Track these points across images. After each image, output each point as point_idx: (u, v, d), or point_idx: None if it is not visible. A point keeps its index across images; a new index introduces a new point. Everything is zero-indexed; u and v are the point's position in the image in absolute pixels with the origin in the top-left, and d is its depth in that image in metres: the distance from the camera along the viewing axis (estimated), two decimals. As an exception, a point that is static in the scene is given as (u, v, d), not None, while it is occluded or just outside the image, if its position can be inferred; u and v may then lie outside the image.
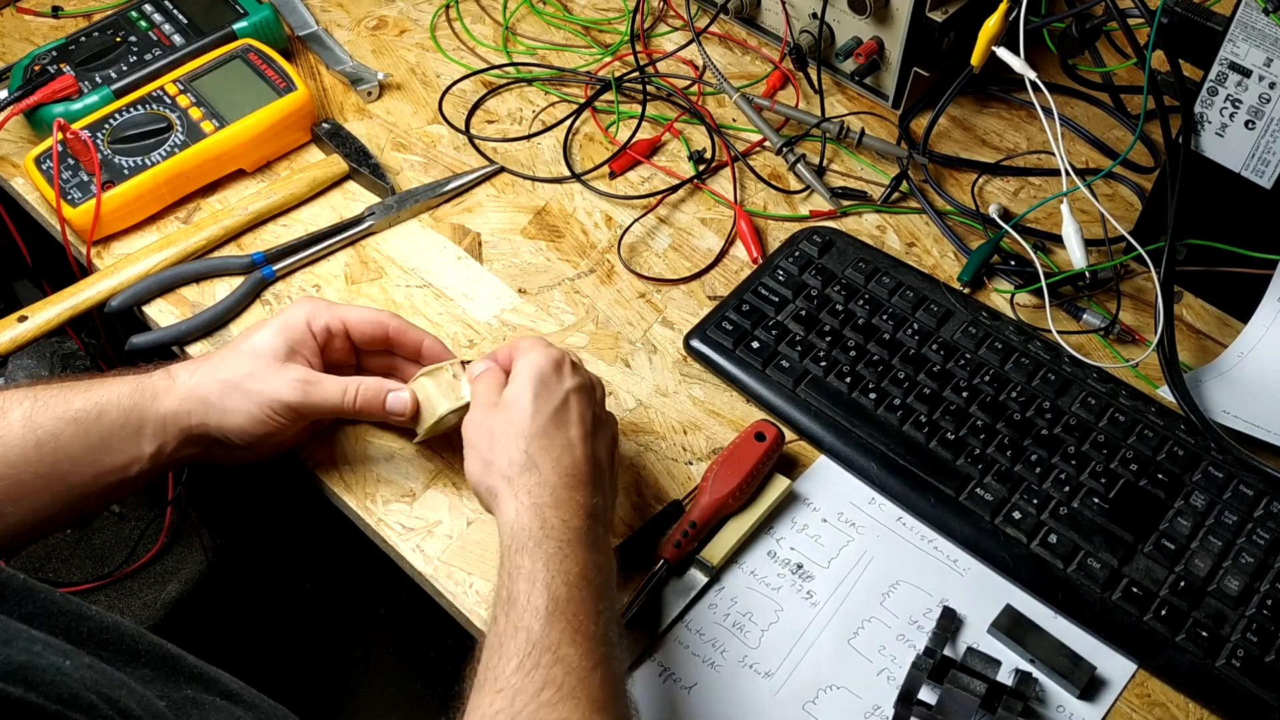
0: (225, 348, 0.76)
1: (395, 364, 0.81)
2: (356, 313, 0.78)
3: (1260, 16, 0.75)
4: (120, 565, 1.09)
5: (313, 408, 0.74)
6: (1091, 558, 0.76)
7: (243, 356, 0.74)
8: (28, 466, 0.70)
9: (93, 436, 0.71)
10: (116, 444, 0.72)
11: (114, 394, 0.72)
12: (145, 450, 0.72)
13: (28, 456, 0.70)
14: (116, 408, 0.72)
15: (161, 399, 0.73)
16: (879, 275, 0.90)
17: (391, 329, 0.79)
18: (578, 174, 1.00)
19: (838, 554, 0.78)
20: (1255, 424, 0.82)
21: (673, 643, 0.74)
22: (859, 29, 1.02)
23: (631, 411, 0.85)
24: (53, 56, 1.00)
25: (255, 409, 0.73)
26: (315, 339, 0.76)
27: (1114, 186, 1.01)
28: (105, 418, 0.71)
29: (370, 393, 0.75)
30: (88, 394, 0.72)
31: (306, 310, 0.77)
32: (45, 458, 0.70)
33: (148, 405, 0.72)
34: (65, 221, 0.93)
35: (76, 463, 0.71)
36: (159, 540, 1.11)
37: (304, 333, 0.76)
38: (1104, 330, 0.89)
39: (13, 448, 0.70)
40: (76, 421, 0.71)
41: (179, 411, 0.73)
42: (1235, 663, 0.71)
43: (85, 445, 0.71)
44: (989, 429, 0.82)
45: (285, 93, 0.98)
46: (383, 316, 0.79)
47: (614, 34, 1.13)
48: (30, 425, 0.70)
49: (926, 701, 0.70)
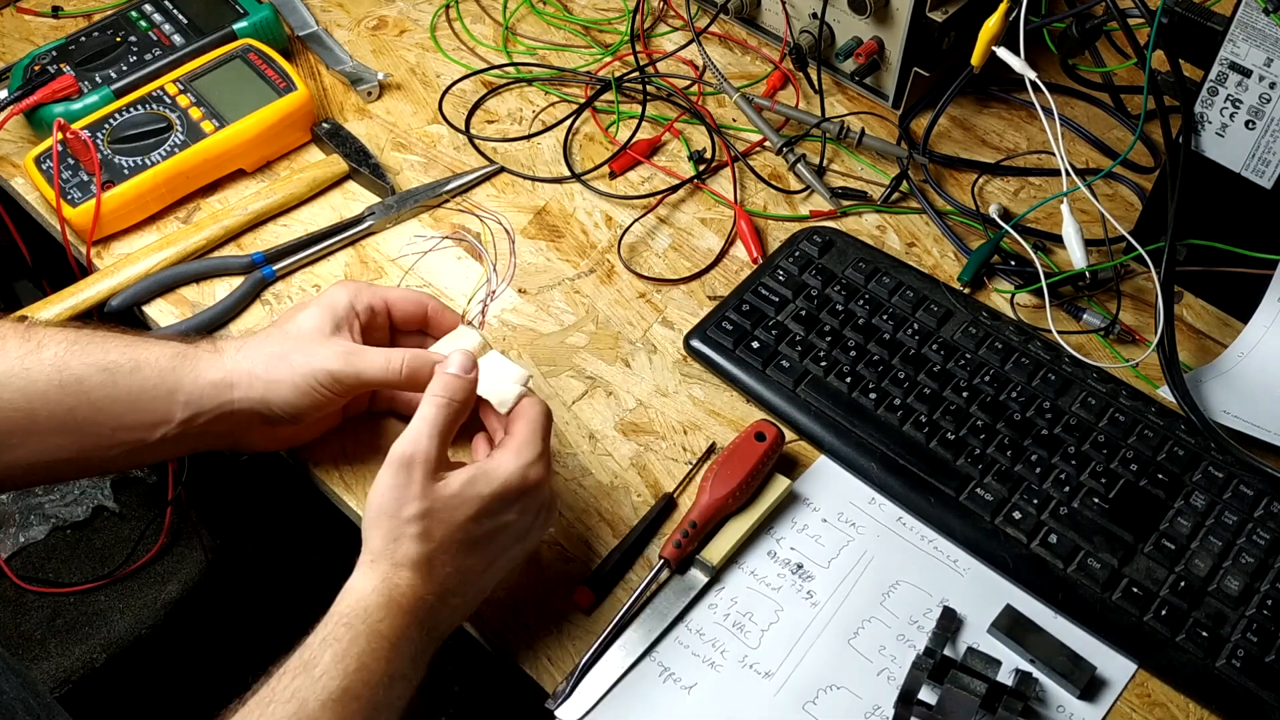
0: (269, 327, 0.76)
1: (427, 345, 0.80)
2: (397, 292, 0.79)
3: (1260, 16, 0.75)
4: (120, 565, 1.09)
5: (357, 377, 0.73)
6: (1091, 558, 0.76)
7: (287, 334, 0.74)
8: (46, 404, 0.69)
9: (121, 389, 0.70)
10: (146, 403, 0.71)
11: (155, 353, 0.72)
12: (176, 415, 0.72)
13: (49, 394, 0.69)
14: (154, 367, 0.71)
15: (204, 369, 0.72)
16: (879, 275, 0.90)
17: (430, 309, 0.79)
18: (578, 174, 1.00)
19: (838, 554, 0.78)
20: (1255, 424, 0.82)
21: (673, 643, 0.74)
22: (859, 29, 1.02)
23: (631, 411, 0.85)
24: (53, 56, 1.00)
25: (300, 379, 0.72)
26: (359, 318, 0.76)
27: (1114, 186, 1.01)
28: (140, 373, 0.71)
29: (417, 360, 0.73)
30: (128, 348, 0.72)
31: (349, 290, 0.77)
32: (66, 399, 0.69)
33: (187, 371, 0.72)
34: (65, 221, 0.93)
35: (98, 412, 0.70)
36: (159, 540, 1.11)
37: (348, 311, 0.75)
38: (1104, 330, 0.89)
39: (37, 381, 0.69)
40: (108, 370, 0.70)
41: (221, 384, 0.72)
42: (1235, 663, 0.71)
43: (111, 396, 0.70)
44: (989, 429, 0.82)
45: (285, 93, 0.98)
46: (422, 297, 0.79)
47: (614, 34, 1.13)
48: (60, 364, 0.70)
49: (927, 701, 0.70)
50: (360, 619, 0.62)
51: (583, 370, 0.87)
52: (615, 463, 0.82)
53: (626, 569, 0.76)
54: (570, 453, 0.83)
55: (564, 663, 0.73)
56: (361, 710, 0.61)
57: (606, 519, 0.79)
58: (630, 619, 0.74)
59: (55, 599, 1.08)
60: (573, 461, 0.82)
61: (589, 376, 0.87)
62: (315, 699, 0.59)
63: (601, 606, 0.75)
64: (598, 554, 0.77)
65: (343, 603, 0.64)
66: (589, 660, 0.72)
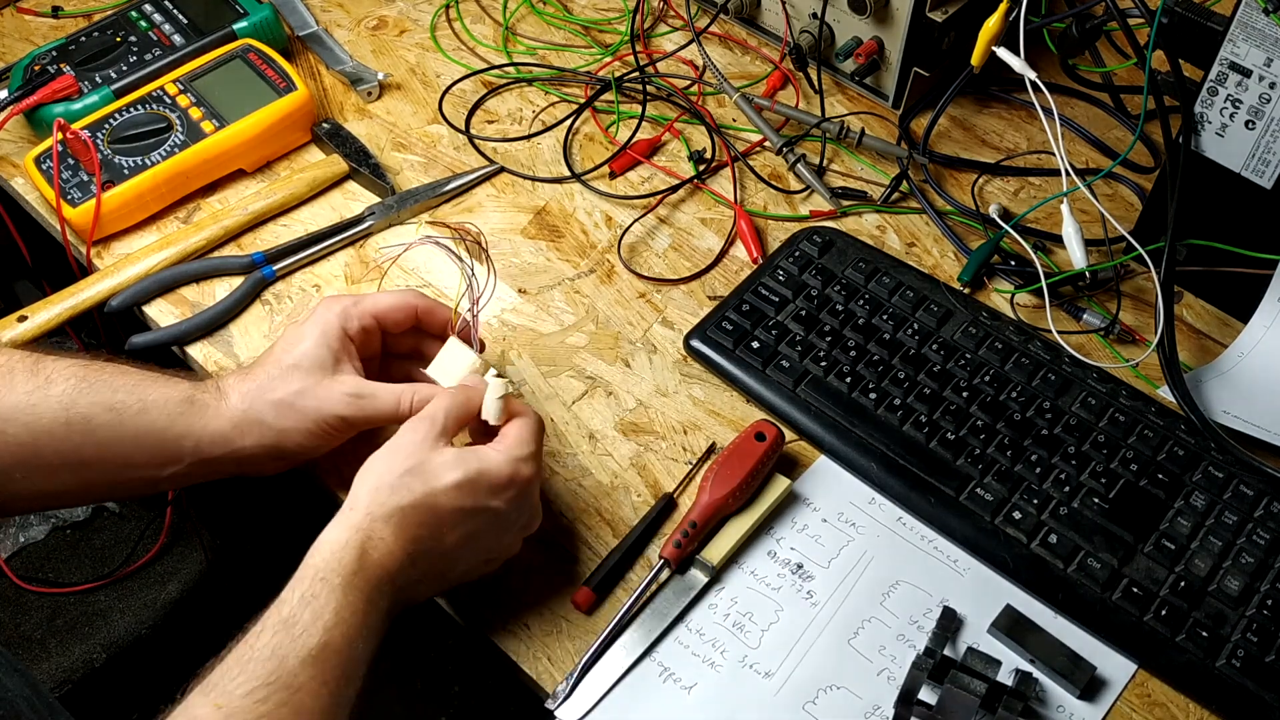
0: (268, 364, 0.75)
1: (421, 343, 0.81)
2: (384, 301, 0.78)
3: (1260, 16, 0.75)
4: (120, 565, 1.09)
5: (367, 420, 0.74)
6: (1091, 558, 0.76)
7: (291, 375, 0.73)
8: (51, 440, 0.69)
9: (128, 430, 0.71)
10: (152, 444, 0.71)
11: (163, 396, 0.72)
12: (185, 459, 0.72)
13: (55, 432, 0.69)
14: (161, 410, 0.72)
15: (212, 419, 0.72)
16: (879, 275, 0.90)
17: (420, 309, 0.78)
18: (578, 174, 1.00)
19: (838, 554, 0.78)
20: (1255, 424, 0.82)
21: (673, 643, 0.74)
22: (859, 29, 1.02)
23: (631, 411, 0.85)
24: (53, 56, 1.00)
25: (311, 425, 0.73)
26: (353, 342, 0.76)
27: (1114, 186, 1.01)
28: (146, 415, 0.71)
29: (423, 396, 0.73)
30: (135, 388, 0.72)
31: (338, 313, 0.76)
32: (73, 437, 0.69)
33: (195, 419, 0.72)
34: (65, 221, 0.93)
35: (104, 451, 0.70)
36: (159, 540, 1.11)
37: (342, 339, 0.75)
38: (1104, 330, 0.89)
39: (43, 418, 0.69)
40: (115, 410, 0.70)
41: (230, 435, 0.73)
42: (1235, 663, 0.71)
43: (118, 436, 0.71)
44: (989, 429, 0.82)
45: (285, 93, 0.98)
46: (408, 298, 0.78)
47: (614, 34, 1.13)
48: (68, 402, 0.70)
49: (926, 701, 0.70)
50: (335, 573, 0.63)
51: (583, 370, 0.87)
52: (615, 463, 0.82)
53: (626, 569, 0.76)
54: (570, 453, 0.83)
55: (564, 663, 0.73)
56: (340, 664, 0.62)
57: (606, 519, 0.79)
58: (630, 619, 0.74)
59: (55, 599, 1.07)
60: (573, 461, 0.82)
61: (589, 376, 0.87)
62: (295, 656, 0.60)
63: (601, 606, 0.75)
64: (598, 554, 0.77)
65: (317, 556, 0.65)
66: (589, 660, 0.72)
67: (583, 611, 0.75)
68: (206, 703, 0.58)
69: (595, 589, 0.75)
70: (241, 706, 0.58)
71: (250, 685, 0.59)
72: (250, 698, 0.58)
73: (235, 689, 0.59)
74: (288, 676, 0.60)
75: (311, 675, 0.60)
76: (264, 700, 0.58)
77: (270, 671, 0.59)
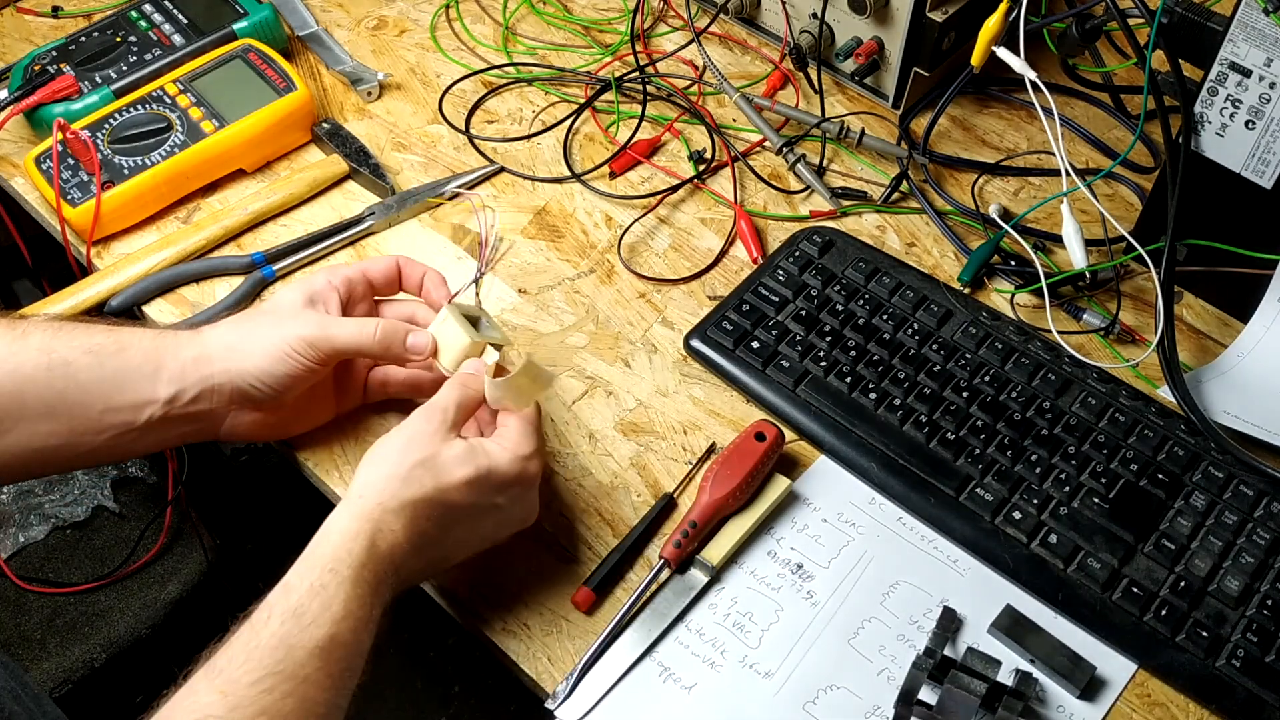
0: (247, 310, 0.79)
1: (415, 315, 0.81)
2: (370, 260, 0.81)
3: (1260, 16, 0.75)
4: (120, 565, 1.09)
5: (330, 341, 0.74)
6: (1091, 558, 0.76)
7: (263, 310, 0.77)
8: (35, 387, 0.70)
9: (107, 369, 0.72)
10: (131, 382, 0.72)
11: (138, 335, 0.74)
12: (160, 394, 0.73)
13: (37, 378, 0.70)
14: (138, 347, 0.73)
15: (184, 346, 0.74)
16: (879, 275, 0.90)
17: (400, 261, 0.81)
18: (578, 174, 1.00)
19: (838, 554, 0.78)
20: (1255, 424, 0.82)
21: (673, 643, 0.74)
22: (859, 29, 1.02)
23: (631, 411, 0.85)
24: (53, 56, 1.00)
25: (274, 347, 0.73)
26: (337, 292, 0.77)
27: (1114, 186, 1.01)
28: (124, 353, 0.72)
29: (390, 326, 0.75)
30: (111, 331, 0.74)
31: (326, 270, 0.79)
32: (55, 382, 0.70)
33: (169, 349, 0.73)
34: (65, 221, 0.93)
35: (86, 393, 0.71)
36: (159, 540, 1.11)
37: (325, 287, 0.77)
38: (1104, 330, 0.89)
39: (24, 365, 0.70)
40: (93, 352, 0.72)
41: (200, 358, 0.74)
42: (1235, 663, 0.71)
43: (98, 376, 0.71)
44: (989, 429, 0.82)
45: (285, 93, 0.98)
46: (392, 257, 0.81)
47: (614, 34, 1.14)
48: (46, 348, 0.71)
49: (927, 701, 0.70)
50: (345, 564, 0.63)
51: (583, 370, 0.87)
52: (615, 463, 0.82)
53: (626, 569, 0.76)
54: (570, 453, 0.83)
55: (564, 663, 0.73)
56: (346, 657, 0.62)
57: (606, 519, 0.79)
58: (630, 619, 0.74)
59: (55, 599, 1.07)
60: (573, 461, 0.82)
61: (589, 376, 0.87)
62: (302, 646, 0.60)
63: (601, 606, 0.75)
64: (598, 554, 0.77)
65: (326, 544, 0.65)
66: (589, 660, 0.72)
67: (583, 611, 0.75)
68: (211, 688, 0.58)
69: (595, 589, 0.75)
70: (247, 695, 0.58)
71: (257, 674, 0.59)
72: (256, 687, 0.58)
73: (241, 676, 0.59)
74: (294, 667, 0.60)
75: (318, 667, 0.60)
76: (270, 690, 0.58)
77: (277, 661, 0.59)
